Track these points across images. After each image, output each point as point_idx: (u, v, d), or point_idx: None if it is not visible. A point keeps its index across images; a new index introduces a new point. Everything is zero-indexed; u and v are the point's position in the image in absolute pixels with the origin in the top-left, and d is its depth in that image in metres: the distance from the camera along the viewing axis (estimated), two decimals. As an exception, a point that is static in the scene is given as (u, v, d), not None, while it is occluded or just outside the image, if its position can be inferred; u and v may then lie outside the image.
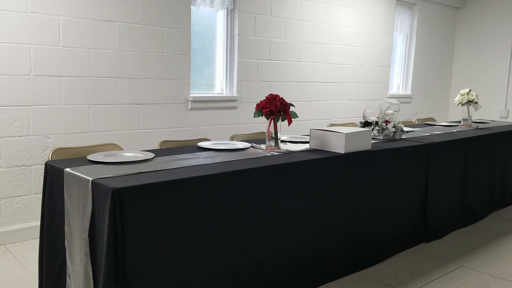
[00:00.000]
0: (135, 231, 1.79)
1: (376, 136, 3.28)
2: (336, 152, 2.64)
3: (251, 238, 2.24)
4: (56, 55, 3.31)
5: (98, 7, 3.46)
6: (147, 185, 1.81)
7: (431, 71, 6.68)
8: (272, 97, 2.55)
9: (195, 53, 4.21)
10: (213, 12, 4.32)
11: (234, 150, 2.64)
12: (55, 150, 2.50)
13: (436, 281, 2.75)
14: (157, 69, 3.84)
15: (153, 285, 1.87)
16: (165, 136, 3.95)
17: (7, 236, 3.26)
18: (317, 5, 5.00)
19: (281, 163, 2.32)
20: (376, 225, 2.93)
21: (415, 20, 6.33)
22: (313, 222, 2.54)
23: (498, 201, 4.17)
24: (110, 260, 1.72)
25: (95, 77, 3.52)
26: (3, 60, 3.11)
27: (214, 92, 4.43)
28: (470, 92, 4.24)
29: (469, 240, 3.43)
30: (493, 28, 6.68)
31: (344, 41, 5.33)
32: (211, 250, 2.07)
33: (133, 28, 3.66)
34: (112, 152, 2.42)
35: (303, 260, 2.53)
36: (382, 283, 2.70)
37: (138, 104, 3.78)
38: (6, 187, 3.24)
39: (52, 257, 2.16)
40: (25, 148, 3.27)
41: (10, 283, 2.63)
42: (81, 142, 3.49)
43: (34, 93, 3.26)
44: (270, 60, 4.65)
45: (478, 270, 2.90)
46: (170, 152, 2.54)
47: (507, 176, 4.23)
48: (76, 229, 1.97)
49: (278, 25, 4.67)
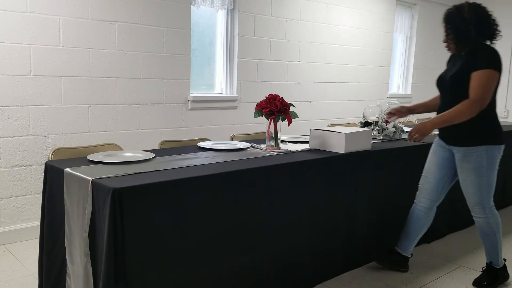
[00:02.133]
0: (135, 231, 1.79)
1: (376, 136, 3.28)
2: (336, 152, 2.64)
3: (251, 238, 2.24)
4: (56, 55, 3.31)
5: (98, 7, 3.46)
6: (147, 185, 1.81)
7: (431, 71, 6.67)
8: (272, 97, 2.55)
9: (195, 53, 4.21)
10: (213, 12, 4.31)
11: (234, 150, 2.64)
12: (55, 150, 2.50)
13: (436, 281, 2.75)
14: (157, 69, 3.84)
15: (153, 285, 1.87)
16: (165, 136, 3.95)
17: (7, 236, 3.26)
18: (317, 5, 5.00)
19: (281, 163, 2.32)
20: (376, 224, 2.93)
21: (415, 20, 6.33)
22: (313, 221, 2.54)
23: (498, 201, 4.16)
24: (110, 260, 1.72)
25: (95, 77, 3.52)
26: (3, 60, 3.11)
27: (214, 92, 4.43)
28: (470, 92, 4.23)
29: (469, 240, 3.43)
30: (493, 28, 6.68)
31: (344, 41, 5.33)
32: (211, 250, 2.07)
33: (133, 28, 3.66)
34: (112, 152, 2.42)
35: (302, 259, 2.53)
36: (382, 283, 2.70)
37: (138, 104, 3.78)
38: (6, 187, 3.24)
39: (52, 257, 2.16)
40: (25, 148, 3.27)
41: (10, 283, 2.63)
42: (81, 142, 3.49)
43: (34, 93, 3.26)
44: (270, 60, 4.65)
45: (478, 270, 2.90)
46: (170, 152, 2.54)
47: (507, 176, 4.23)
48: (76, 229, 1.97)
49: (278, 25, 4.67)
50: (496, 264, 2.68)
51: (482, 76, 2.39)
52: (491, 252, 2.67)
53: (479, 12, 2.45)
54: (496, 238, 2.63)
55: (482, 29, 2.44)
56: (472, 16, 2.43)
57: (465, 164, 2.55)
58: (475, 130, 2.50)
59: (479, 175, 2.52)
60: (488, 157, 2.50)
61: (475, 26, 2.42)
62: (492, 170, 2.54)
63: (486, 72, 2.39)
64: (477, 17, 2.43)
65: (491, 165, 2.53)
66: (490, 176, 2.54)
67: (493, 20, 2.48)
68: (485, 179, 2.53)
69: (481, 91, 2.39)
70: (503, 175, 4.15)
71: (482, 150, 2.50)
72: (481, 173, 2.52)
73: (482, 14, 2.46)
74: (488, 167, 2.52)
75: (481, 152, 2.50)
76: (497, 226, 2.62)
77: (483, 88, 2.39)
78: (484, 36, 2.48)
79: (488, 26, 2.47)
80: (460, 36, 2.47)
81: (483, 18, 2.45)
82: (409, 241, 2.81)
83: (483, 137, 2.50)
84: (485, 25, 2.46)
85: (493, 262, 2.68)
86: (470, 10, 2.44)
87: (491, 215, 2.60)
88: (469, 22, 2.42)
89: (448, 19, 2.51)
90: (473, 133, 2.51)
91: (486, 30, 2.46)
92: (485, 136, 2.51)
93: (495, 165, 2.55)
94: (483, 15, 2.46)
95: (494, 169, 2.55)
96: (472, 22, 2.42)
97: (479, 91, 2.39)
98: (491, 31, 2.48)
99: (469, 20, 2.42)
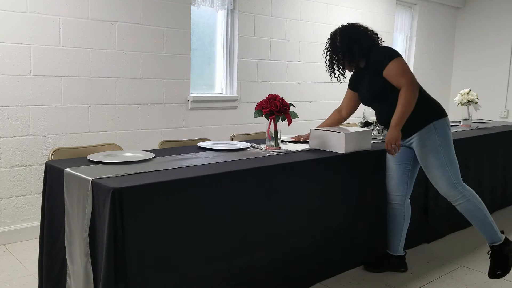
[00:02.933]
0: (135, 231, 1.79)
1: (376, 136, 3.28)
2: (336, 152, 2.64)
3: (251, 238, 2.24)
4: (56, 55, 3.31)
5: (98, 7, 3.46)
6: (147, 185, 1.81)
7: (431, 71, 6.67)
8: (272, 97, 2.55)
9: (195, 53, 4.21)
10: (213, 12, 4.31)
11: (234, 150, 2.64)
12: (55, 150, 2.50)
13: (436, 281, 2.75)
14: (157, 69, 3.84)
15: (153, 285, 1.87)
16: (165, 136, 3.95)
17: (7, 236, 3.26)
18: (317, 5, 5.00)
19: (281, 163, 2.32)
20: (376, 224, 2.93)
21: (415, 20, 6.33)
22: (313, 221, 2.54)
23: (498, 201, 4.17)
24: (110, 260, 1.72)
25: (95, 77, 3.52)
26: (3, 60, 3.11)
27: (214, 92, 4.43)
28: (470, 92, 4.24)
29: (469, 240, 3.43)
30: (493, 28, 6.68)
31: (344, 41, 5.33)
32: (211, 250, 2.07)
33: (133, 28, 3.66)
34: (112, 152, 2.42)
35: (302, 259, 2.53)
36: (382, 283, 2.70)
37: (138, 104, 3.78)
38: (6, 187, 3.24)
39: (52, 257, 2.16)
40: (25, 148, 3.27)
41: (10, 283, 2.63)
42: (81, 142, 3.49)
43: (34, 93, 3.26)
44: (270, 60, 4.65)
45: (478, 270, 2.90)
46: (170, 152, 2.54)
47: (507, 176, 4.23)
48: (76, 229, 1.97)
49: (278, 25, 4.67)
50: (497, 241, 2.62)
51: (394, 66, 2.50)
52: (486, 229, 2.62)
53: (350, 32, 2.64)
54: (483, 212, 2.60)
55: (362, 45, 2.60)
56: (347, 39, 2.61)
57: (423, 149, 2.59)
58: (417, 113, 2.54)
59: (438, 155, 2.55)
60: (439, 134, 2.55)
61: (359, 44, 2.60)
62: (448, 147, 2.57)
63: (394, 62, 2.50)
64: (350, 38, 2.61)
65: (444, 140, 2.56)
66: (448, 152, 2.57)
67: (365, 32, 2.65)
68: (445, 156, 2.56)
69: (406, 74, 2.49)
70: (503, 175, 4.15)
71: (431, 129, 2.55)
72: (439, 151, 2.55)
73: (354, 33, 2.63)
74: (443, 143, 2.55)
75: (431, 130, 2.55)
76: (478, 200, 2.61)
77: (406, 71, 2.49)
78: (369, 47, 2.62)
79: (367, 39, 2.63)
80: (351, 58, 2.63)
81: (357, 37, 2.62)
82: (396, 239, 2.82)
83: (427, 116, 2.57)
84: (363, 40, 2.62)
85: (494, 239, 2.62)
86: (341, 37, 2.62)
87: (467, 192, 2.59)
88: (351, 44, 2.60)
89: (332, 49, 2.68)
90: (418, 116, 2.55)
91: (367, 43, 2.62)
92: (427, 114, 2.57)
93: (449, 139, 2.59)
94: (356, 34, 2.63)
95: (450, 145, 2.59)
96: (352, 44, 2.60)
97: (405, 75, 2.49)
98: (371, 41, 2.64)
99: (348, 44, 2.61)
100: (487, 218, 2.62)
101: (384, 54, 2.56)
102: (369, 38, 2.65)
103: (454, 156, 2.59)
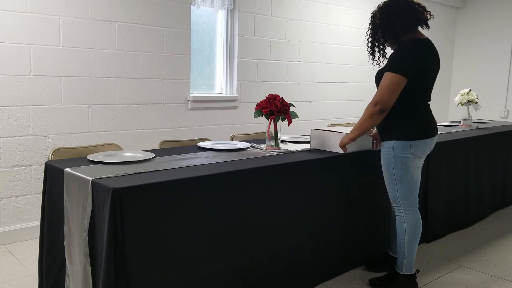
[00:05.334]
0: (135, 231, 1.79)
1: (376, 136, 3.27)
2: (336, 152, 2.64)
3: (251, 238, 2.24)
4: (56, 55, 3.31)
5: (98, 7, 3.46)
6: (147, 185, 1.81)
7: (431, 71, 6.67)
8: (272, 97, 2.55)
9: (195, 53, 4.21)
10: (213, 12, 4.31)
11: (234, 150, 2.64)
12: (55, 150, 2.50)
13: (436, 281, 2.75)
14: (157, 69, 3.84)
15: (153, 285, 1.87)
16: (165, 136, 3.95)
17: (7, 236, 3.26)
18: (317, 5, 5.00)
19: (281, 163, 2.32)
20: (376, 224, 2.93)
21: (415, 20, 6.32)
22: (313, 221, 2.54)
23: (498, 201, 4.17)
24: (110, 260, 1.72)
25: (95, 77, 3.52)
26: (3, 60, 3.11)
27: (214, 92, 4.43)
28: (470, 92, 4.24)
29: (469, 240, 3.43)
30: (493, 28, 6.68)
31: (344, 41, 5.33)
32: (211, 250, 2.07)
33: (133, 28, 3.66)
34: (112, 152, 2.42)
35: (302, 259, 2.53)
36: (382, 283, 2.70)
37: (138, 104, 3.78)
38: (6, 187, 3.24)
39: (52, 257, 2.16)
40: (25, 148, 3.27)
41: (10, 283, 2.63)
42: (81, 142, 3.49)
43: (34, 93, 3.26)
44: (270, 60, 4.65)
45: (478, 270, 2.90)
46: (170, 152, 2.54)
47: (507, 176, 4.23)
48: (76, 229, 1.97)
49: (278, 25, 4.67)
50: (399, 269, 2.55)
51: (385, 77, 2.36)
52: (400, 254, 2.54)
53: (389, 6, 2.42)
54: (405, 242, 2.50)
55: (403, 19, 2.38)
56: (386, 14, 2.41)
57: (381, 160, 2.53)
58: (386, 127, 2.47)
59: (389, 171, 2.48)
60: (394, 154, 2.42)
61: (400, 19, 2.37)
62: (402, 170, 2.42)
63: (389, 73, 2.34)
64: (390, 12, 2.40)
65: (399, 162, 2.41)
66: (400, 173, 2.43)
67: (406, 5, 2.41)
68: (396, 176, 2.45)
69: (383, 92, 2.34)
70: (503, 175, 4.15)
71: (390, 145, 2.45)
72: (390, 170, 2.47)
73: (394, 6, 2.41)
74: (396, 164, 2.42)
75: (390, 147, 2.45)
76: (410, 231, 2.50)
77: (385, 90, 2.33)
78: (408, 25, 2.40)
79: (409, 13, 2.40)
80: (391, 33, 2.43)
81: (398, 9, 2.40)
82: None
83: (392, 133, 2.44)
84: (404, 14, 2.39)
85: (399, 267, 2.55)
86: (381, 12, 2.44)
87: (406, 217, 2.49)
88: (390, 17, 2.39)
89: (372, 27, 2.52)
90: (385, 130, 2.48)
91: (407, 19, 2.40)
92: (394, 132, 2.43)
93: (404, 163, 2.41)
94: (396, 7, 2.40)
95: (405, 169, 2.42)
96: (392, 16, 2.39)
97: (381, 92, 2.34)
98: (413, 16, 2.41)
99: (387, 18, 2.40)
100: (405, 248, 2.51)
101: (393, 60, 2.37)
102: (411, 11, 2.40)
103: (409, 179, 2.44)
